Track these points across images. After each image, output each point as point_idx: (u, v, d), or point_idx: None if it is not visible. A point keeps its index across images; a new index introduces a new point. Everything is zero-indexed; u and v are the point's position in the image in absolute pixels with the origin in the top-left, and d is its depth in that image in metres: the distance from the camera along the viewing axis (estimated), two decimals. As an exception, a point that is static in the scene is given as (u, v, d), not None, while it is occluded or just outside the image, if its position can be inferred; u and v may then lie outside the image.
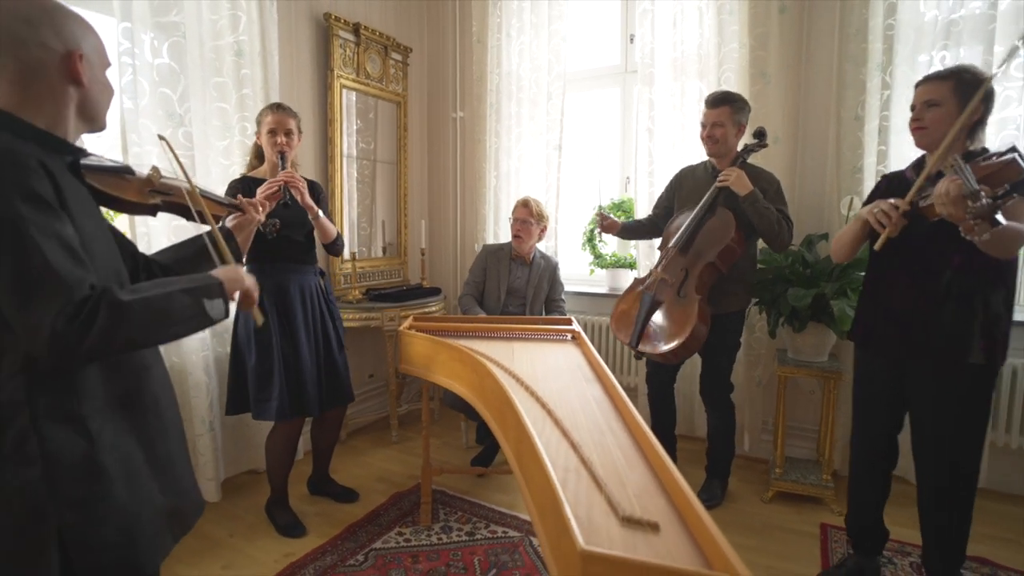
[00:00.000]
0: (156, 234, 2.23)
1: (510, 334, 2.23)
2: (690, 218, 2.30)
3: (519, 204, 2.89)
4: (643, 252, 3.14)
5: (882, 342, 1.75)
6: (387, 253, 3.63)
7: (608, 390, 1.60)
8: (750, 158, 2.31)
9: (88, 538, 0.93)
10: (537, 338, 2.19)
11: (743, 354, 2.87)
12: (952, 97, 1.56)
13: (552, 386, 1.62)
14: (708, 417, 2.58)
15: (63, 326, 0.83)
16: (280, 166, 2.09)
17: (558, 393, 1.56)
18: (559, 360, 1.91)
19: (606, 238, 3.44)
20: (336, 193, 3.14)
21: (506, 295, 2.92)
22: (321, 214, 2.22)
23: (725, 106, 2.26)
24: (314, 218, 2.19)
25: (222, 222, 1.50)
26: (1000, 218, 1.21)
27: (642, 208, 3.13)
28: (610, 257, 3.42)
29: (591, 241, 3.47)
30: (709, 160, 2.43)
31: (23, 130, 0.93)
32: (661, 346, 2.23)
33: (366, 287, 3.30)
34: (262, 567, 2.05)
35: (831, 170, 2.70)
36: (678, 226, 2.38)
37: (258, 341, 2.14)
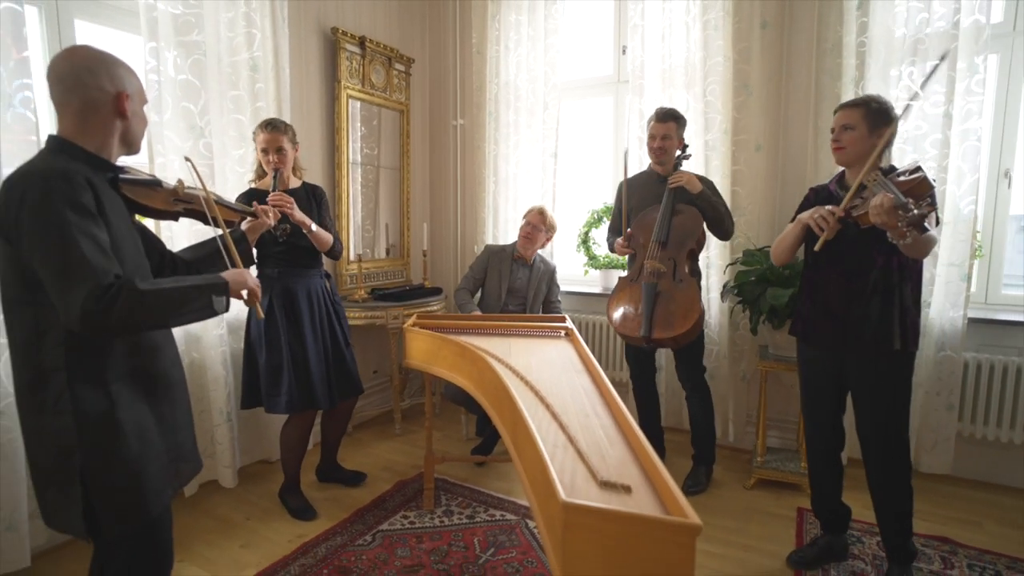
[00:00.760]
0: (177, 236, 2.39)
1: (508, 331, 2.38)
2: (659, 218, 2.55)
3: (536, 211, 3.08)
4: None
5: (821, 336, 1.96)
6: (390, 254, 3.79)
7: (595, 380, 1.76)
8: (680, 166, 2.63)
9: (103, 479, 1.16)
10: (533, 335, 2.35)
11: (728, 350, 3.04)
12: (863, 122, 1.80)
13: (545, 376, 1.78)
14: (689, 405, 2.76)
15: (91, 305, 1.05)
16: (272, 186, 2.17)
17: (550, 382, 1.72)
18: (552, 354, 2.07)
19: (599, 240, 3.61)
20: (342, 197, 3.31)
21: (506, 294, 3.08)
22: (315, 227, 2.27)
23: (672, 121, 2.58)
24: (308, 232, 2.24)
25: (236, 226, 1.71)
26: (928, 225, 1.45)
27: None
28: (603, 258, 3.59)
29: (585, 243, 3.64)
30: (652, 168, 2.71)
31: (77, 153, 1.19)
32: (676, 329, 2.41)
33: (371, 287, 3.46)
34: (277, 547, 2.21)
35: (810, 177, 2.86)
36: (646, 225, 2.61)
37: (268, 340, 2.29)
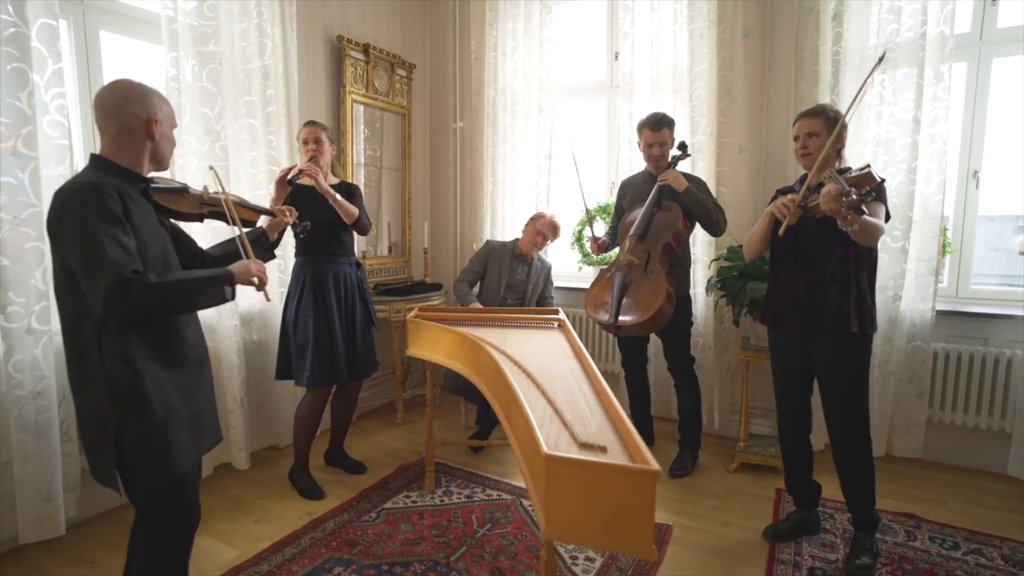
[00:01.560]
0: (194, 236, 2.55)
1: (504, 322, 2.55)
2: (642, 213, 2.72)
3: (551, 224, 3.22)
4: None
5: (788, 323, 2.13)
6: (392, 252, 3.96)
7: (583, 363, 1.92)
8: (677, 165, 2.76)
9: (134, 442, 1.35)
10: (528, 326, 2.52)
11: (713, 342, 3.20)
12: (824, 128, 1.99)
13: (537, 361, 1.94)
14: (677, 394, 2.92)
15: (111, 295, 1.24)
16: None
17: (541, 366, 1.89)
18: (545, 343, 2.23)
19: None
20: (347, 198, 3.47)
21: (505, 288, 3.25)
22: (338, 196, 2.51)
23: (666, 128, 2.73)
24: (333, 201, 2.48)
25: (254, 225, 1.89)
26: (865, 209, 1.67)
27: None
28: (596, 256, 3.75)
29: (579, 241, 3.80)
30: (647, 169, 2.87)
31: (112, 168, 1.40)
32: (639, 316, 2.56)
33: (374, 283, 3.62)
34: (288, 522, 2.38)
35: (791, 177, 3.01)
36: (632, 220, 2.78)
37: (298, 322, 2.54)
